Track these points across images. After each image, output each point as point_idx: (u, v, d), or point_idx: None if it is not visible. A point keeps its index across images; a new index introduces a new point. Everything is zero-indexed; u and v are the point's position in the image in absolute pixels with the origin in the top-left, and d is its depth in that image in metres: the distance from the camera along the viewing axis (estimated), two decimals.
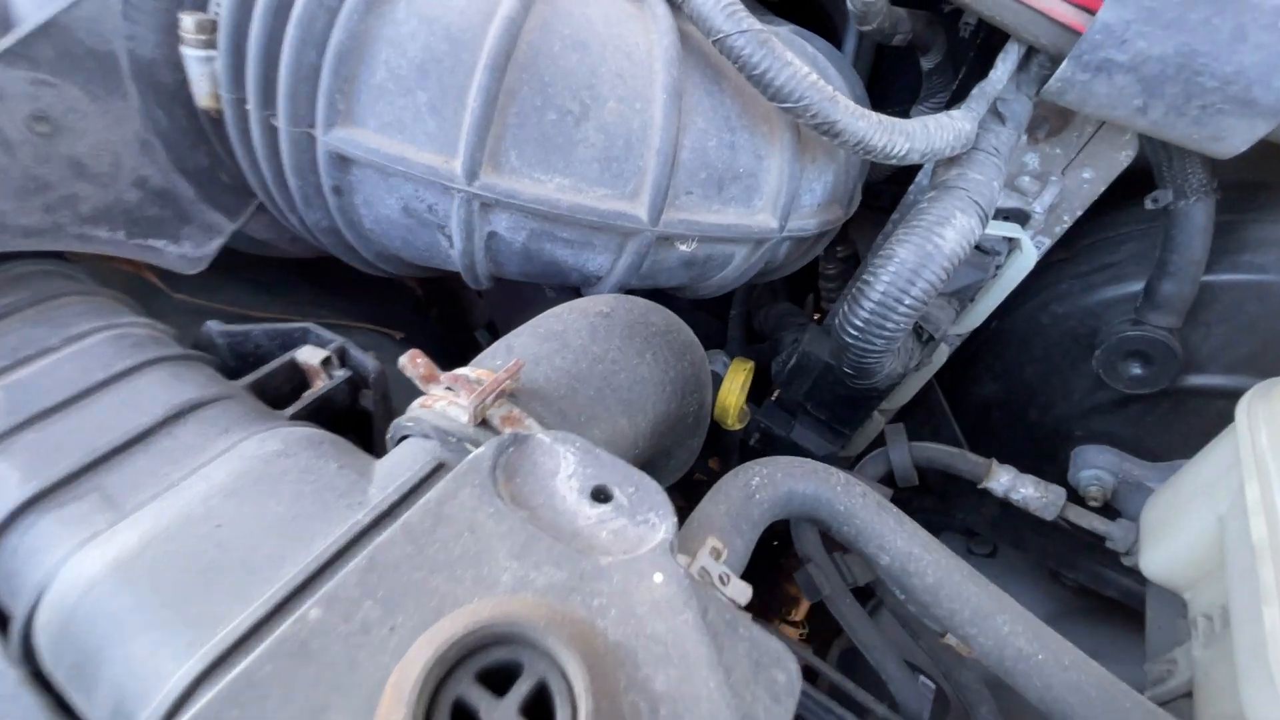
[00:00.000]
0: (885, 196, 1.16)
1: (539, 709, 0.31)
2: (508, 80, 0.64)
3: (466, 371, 0.52)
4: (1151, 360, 0.94)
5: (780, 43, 0.65)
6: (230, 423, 0.56)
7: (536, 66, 0.65)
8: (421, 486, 0.46)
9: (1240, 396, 0.77)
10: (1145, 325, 0.92)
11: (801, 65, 0.65)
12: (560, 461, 0.43)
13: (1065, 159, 0.92)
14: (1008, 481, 1.03)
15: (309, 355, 0.68)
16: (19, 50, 0.63)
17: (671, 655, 0.33)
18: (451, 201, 0.69)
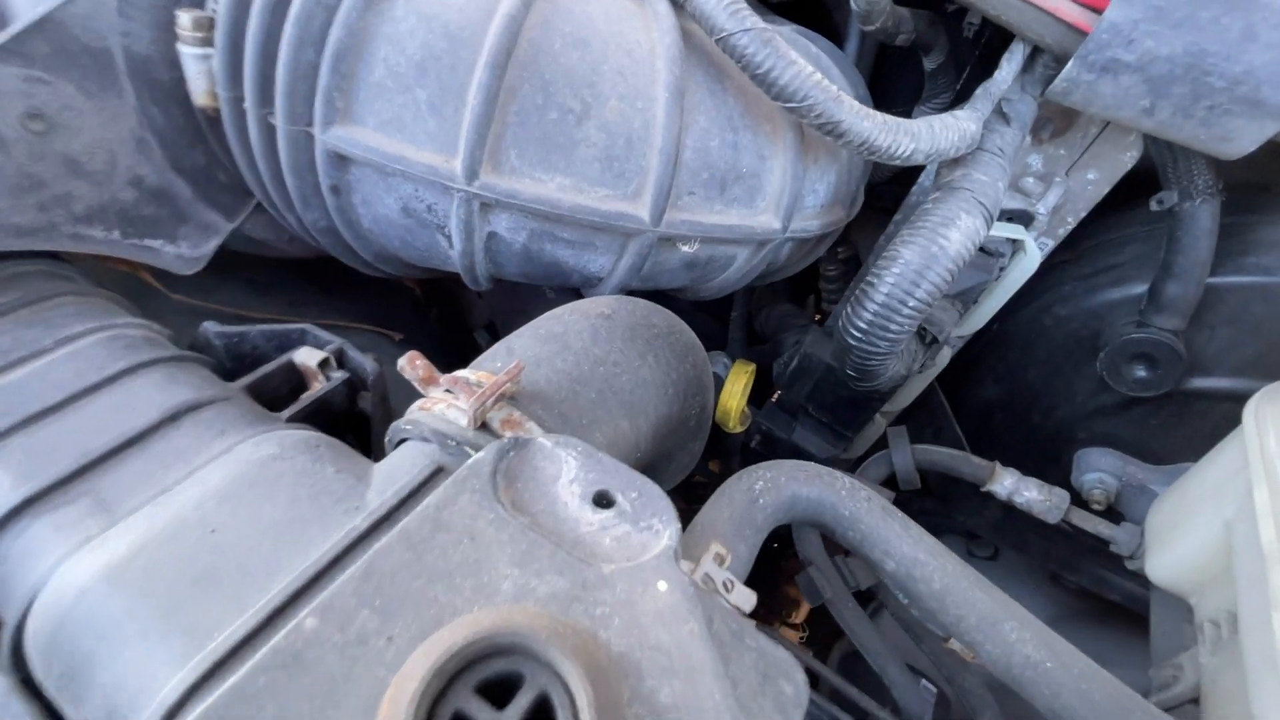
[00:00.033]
0: (887, 197, 1.15)
1: None
2: (508, 78, 0.64)
3: (466, 374, 0.51)
4: (1156, 363, 0.93)
5: (784, 42, 0.65)
6: (226, 425, 0.55)
7: (537, 64, 0.65)
8: (420, 491, 0.45)
9: (1245, 399, 0.76)
10: (1150, 327, 0.91)
11: (805, 64, 0.65)
12: (562, 466, 0.42)
13: (1069, 160, 0.92)
14: (1011, 485, 1.02)
15: (306, 357, 0.67)
16: (13, 47, 0.63)
17: (676, 667, 0.32)
18: (451, 201, 0.68)
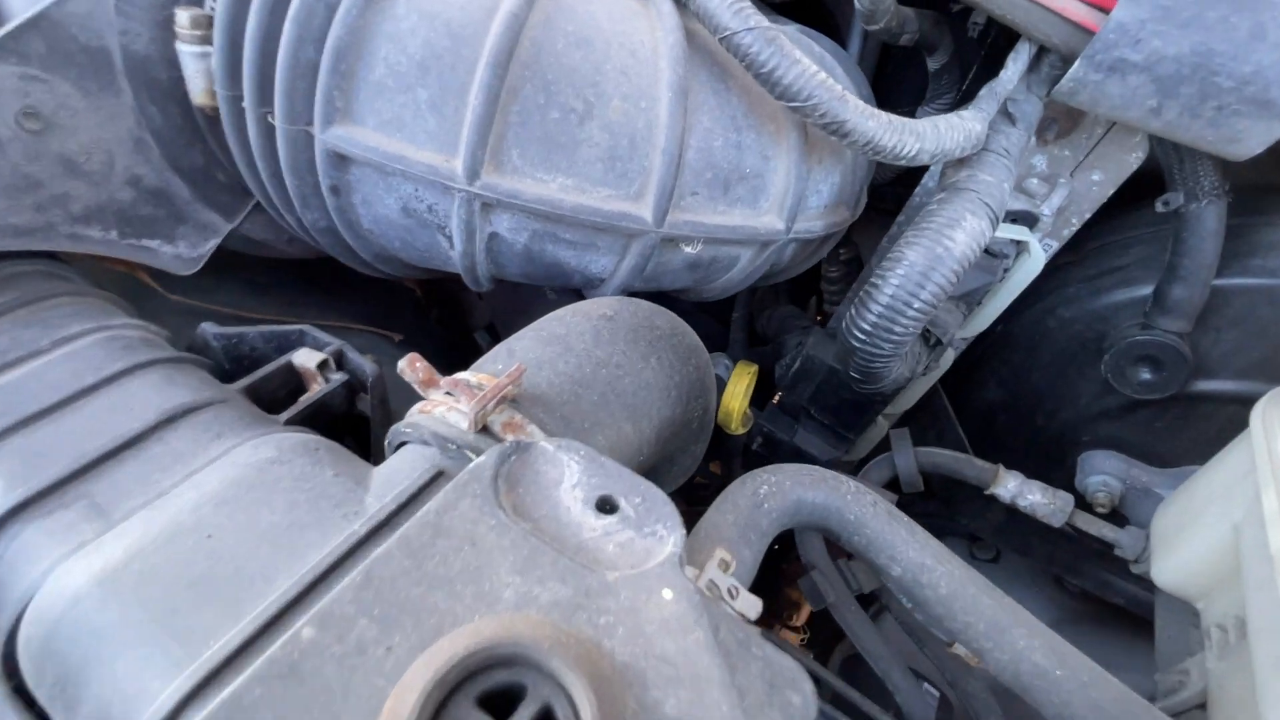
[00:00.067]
0: (889, 199, 1.14)
1: None
2: (510, 77, 0.63)
3: (467, 376, 0.50)
4: (1161, 365, 0.92)
5: (788, 41, 0.64)
6: (223, 428, 0.54)
7: (539, 64, 0.64)
8: (420, 496, 0.44)
9: (1251, 402, 0.76)
10: (1155, 330, 0.91)
11: (810, 63, 0.64)
12: (564, 470, 0.41)
13: (1074, 161, 0.91)
14: (1015, 488, 1.01)
15: (305, 358, 0.66)
16: (8, 44, 0.62)
17: (682, 677, 0.31)
18: (452, 201, 0.68)
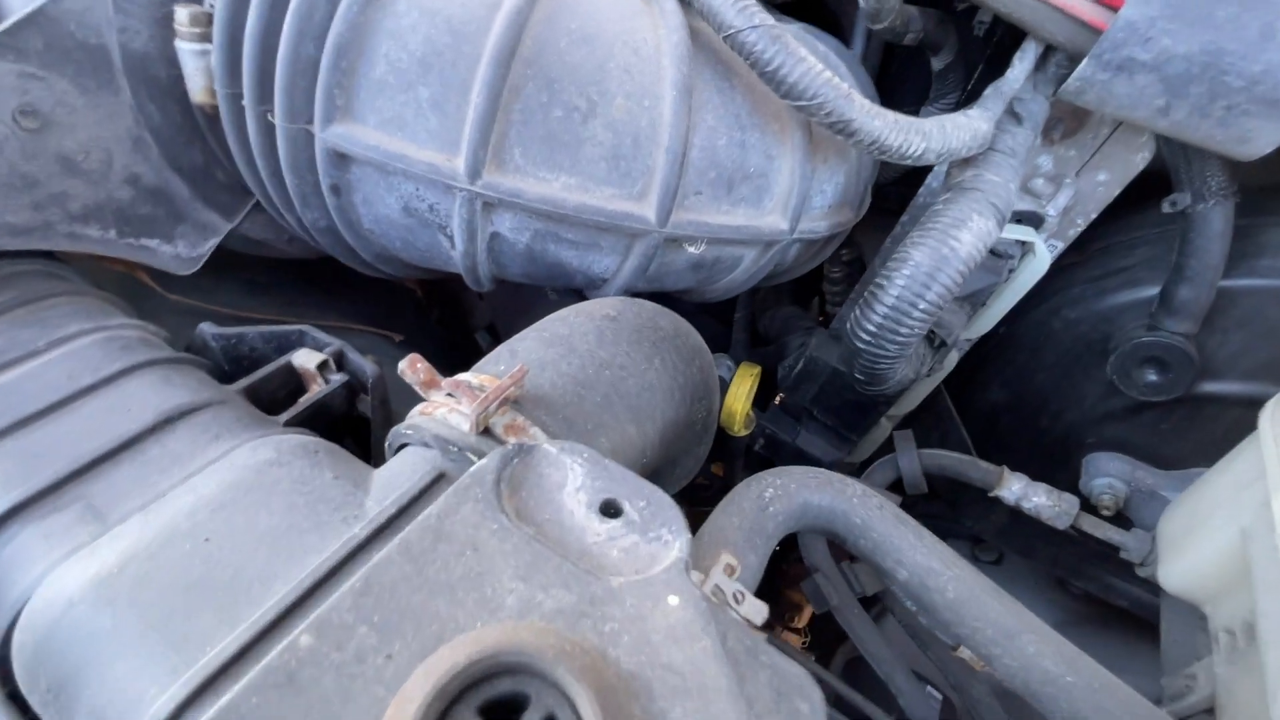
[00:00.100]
0: (892, 199, 1.13)
1: None
2: (512, 75, 0.62)
3: (469, 377, 0.50)
4: (1167, 367, 0.92)
5: (793, 39, 0.63)
6: (222, 429, 0.54)
7: (542, 61, 0.63)
8: (421, 499, 0.44)
9: (1258, 404, 0.75)
10: (1161, 331, 0.90)
11: (815, 62, 0.63)
12: (567, 473, 0.41)
13: (1080, 161, 0.91)
14: (1019, 490, 1.00)
15: (305, 359, 0.66)
16: (6, 41, 0.61)
17: (689, 686, 0.31)
18: (453, 201, 0.67)
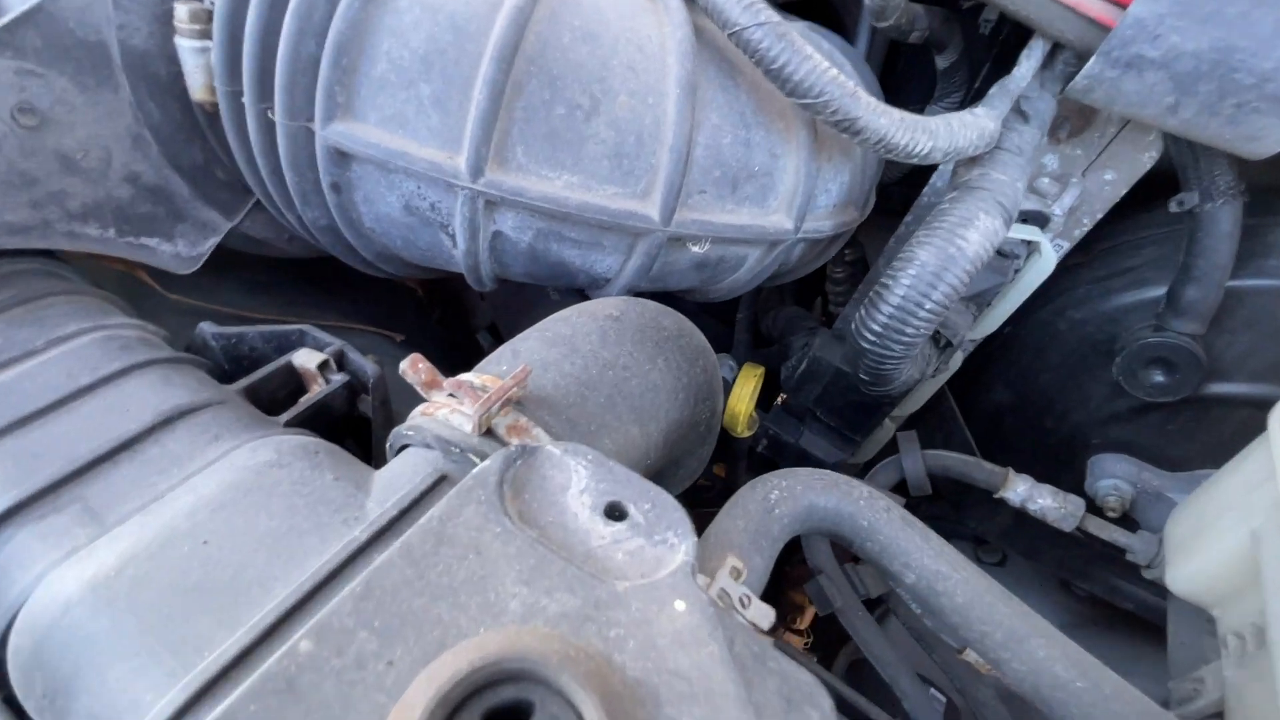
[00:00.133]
0: (896, 199, 1.13)
1: None
2: (515, 73, 0.62)
3: (471, 378, 0.49)
4: (1174, 367, 0.91)
5: (799, 36, 0.63)
6: (221, 430, 0.53)
7: (545, 59, 0.63)
8: (423, 501, 0.43)
9: (1265, 405, 0.74)
10: (1168, 332, 0.89)
11: (821, 59, 0.63)
12: (571, 475, 0.40)
13: (1086, 160, 0.90)
14: (1025, 491, 1.00)
15: (305, 359, 0.65)
16: (4, 38, 0.61)
17: (697, 693, 0.30)
18: (455, 199, 0.66)
